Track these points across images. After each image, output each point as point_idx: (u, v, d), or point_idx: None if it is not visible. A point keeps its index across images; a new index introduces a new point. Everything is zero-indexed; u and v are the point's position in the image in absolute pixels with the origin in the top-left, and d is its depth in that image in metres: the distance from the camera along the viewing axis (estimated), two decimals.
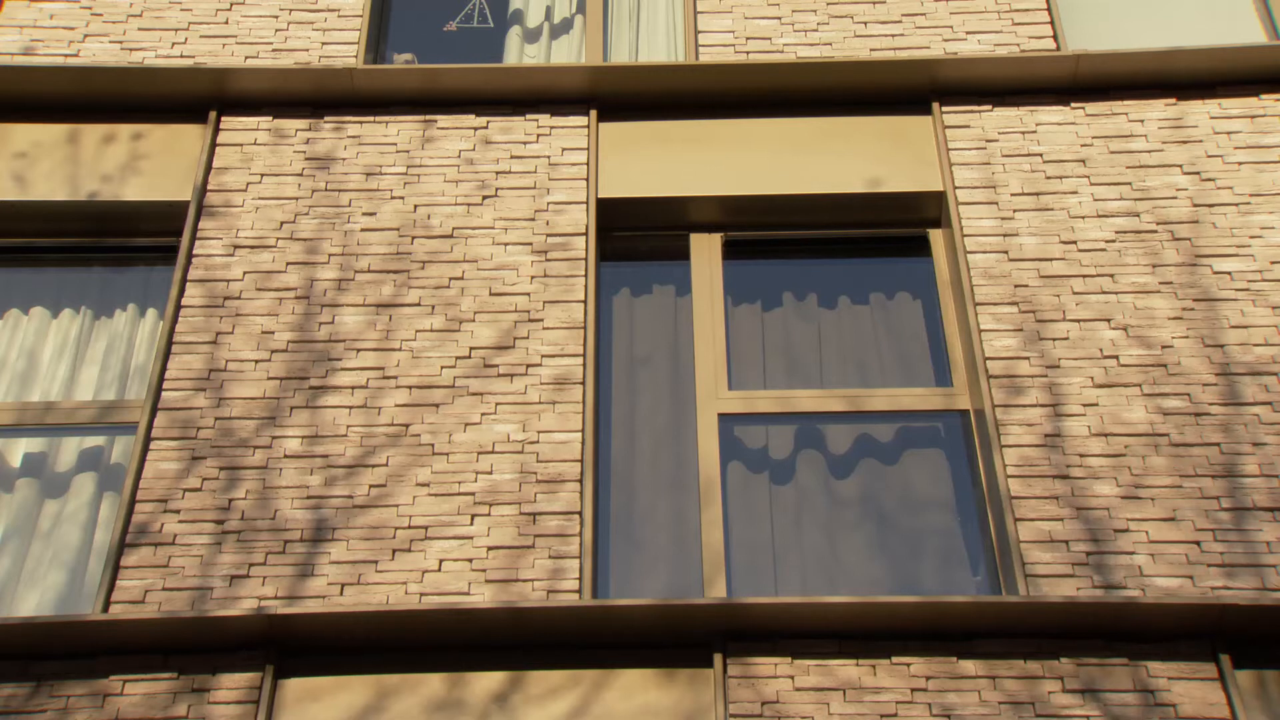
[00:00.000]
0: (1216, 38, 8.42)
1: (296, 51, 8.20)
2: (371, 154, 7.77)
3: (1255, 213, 7.48)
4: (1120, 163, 7.69)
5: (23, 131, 7.91)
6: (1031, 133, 7.80)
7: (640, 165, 7.79)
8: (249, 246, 7.44)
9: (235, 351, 7.07)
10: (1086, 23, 8.55)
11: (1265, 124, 7.79)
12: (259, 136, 7.85)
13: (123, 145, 7.86)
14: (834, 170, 7.73)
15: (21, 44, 8.20)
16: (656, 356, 7.45)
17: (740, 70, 7.84)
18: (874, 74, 7.86)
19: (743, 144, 7.84)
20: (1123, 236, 7.42)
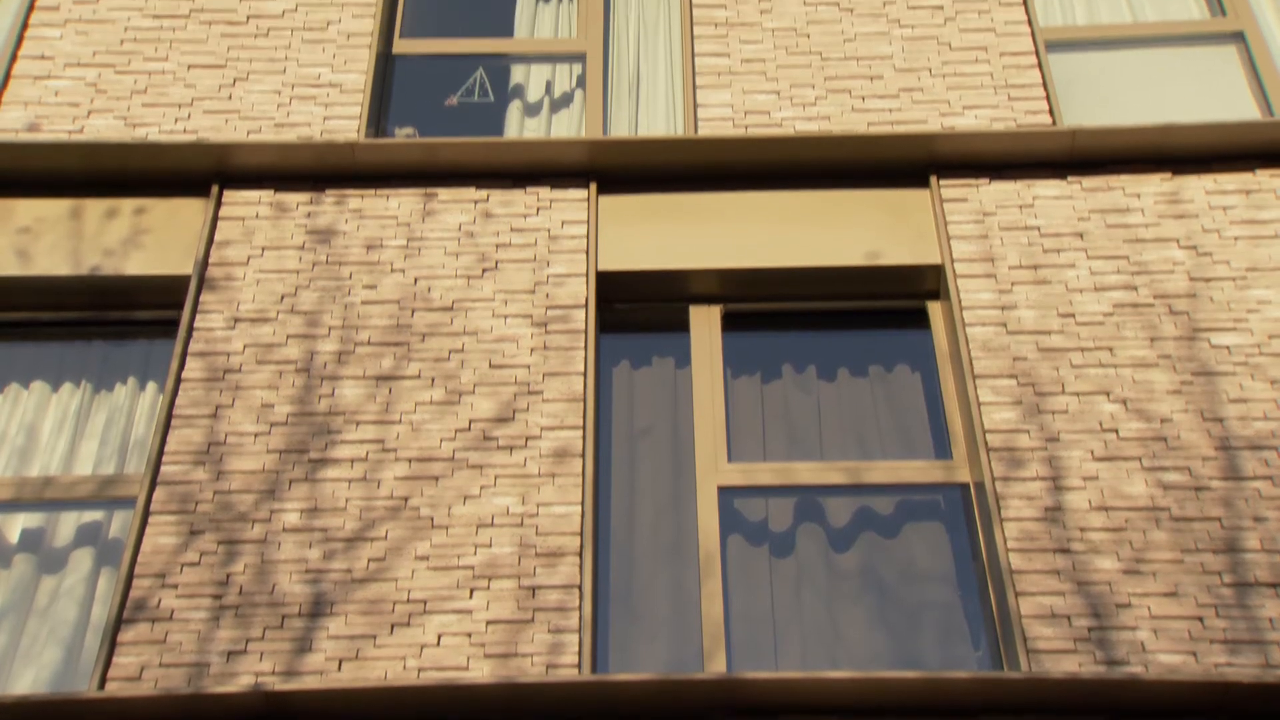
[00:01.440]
0: (1211, 113, 8.49)
1: (299, 126, 8.26)
2: (372, 227, 7.81)
3: (1252, 287, 7.51)
4: (1117, 236, 7.73)
5: (26, 207, 7.96)
6: (1029, 206, 7.85)
7: (640, 238, 7.83)
8: (250, 319, 7.46)
9: (235, 424, 7.07)
10: (1082, 98, 8.63)
11: (1261, 199, 7.84)
12: (261, 210, 7.90)
13: (125, 220, 7.91)
14: (833, 243, 7.77)
15: (26, 120, 8.27)
16: (656, 428, 7.45)
17: (739, 144, 7.90)
18: (872, 148, 7.92)
19: (742, 217, 7.89)
20: (1121, 310, 7.45)
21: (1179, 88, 8.62)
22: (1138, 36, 8.81)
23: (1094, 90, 8.66)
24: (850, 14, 8.71)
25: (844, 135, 7.88)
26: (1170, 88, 8.63)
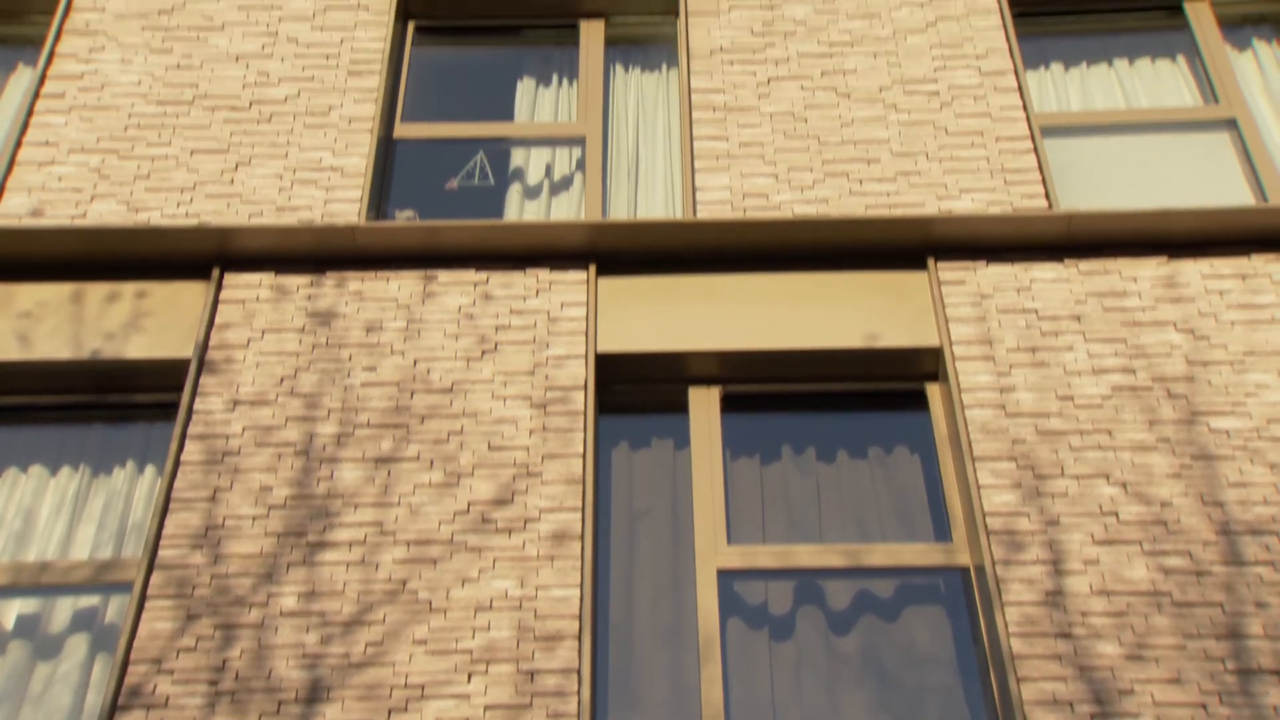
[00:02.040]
0: (1206, 198, 8.54)
1: (300, 209, 8.31)
2: (373, 309, 7.83)
3: (1250, 371, 7.52)
4: (1115, 319, 7.76)
5: (28, 291, 7.99)
6: (1026, 289, 7.89)
7: (639, 320, 7.85)
8: (249, 402, 7.47)
9: (233, 508, 7.05)
10: (1077, 182, 8.69)
11: (1257, 284, 7.87)
12: (261, 293, 7.93)
13: (126, 303, 7.94)
14: (831, 325, 7.79)
15: (30, 206, 8.33)
16: (655, 510, 7.44)
17: (738, 227, 7.95)
18: (870, 231, 7.97)
19: (741, 299, 7.92)
20: (1119, 393, 7.46)
21: (1174, 173, 8.69)
22: (1132, 123, 8.89)
23: (1089, 174, 8.73)
24: (847, 99, 8.79)
25: (842, 218, 7.92)
26: (1165, 173, 8.70)
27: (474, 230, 7.92)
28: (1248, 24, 9.48)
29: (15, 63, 9.41)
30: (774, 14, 9.22)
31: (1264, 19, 9.48)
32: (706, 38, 9.11)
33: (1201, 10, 9.42)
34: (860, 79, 8.88)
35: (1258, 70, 9.23)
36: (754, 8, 9.27)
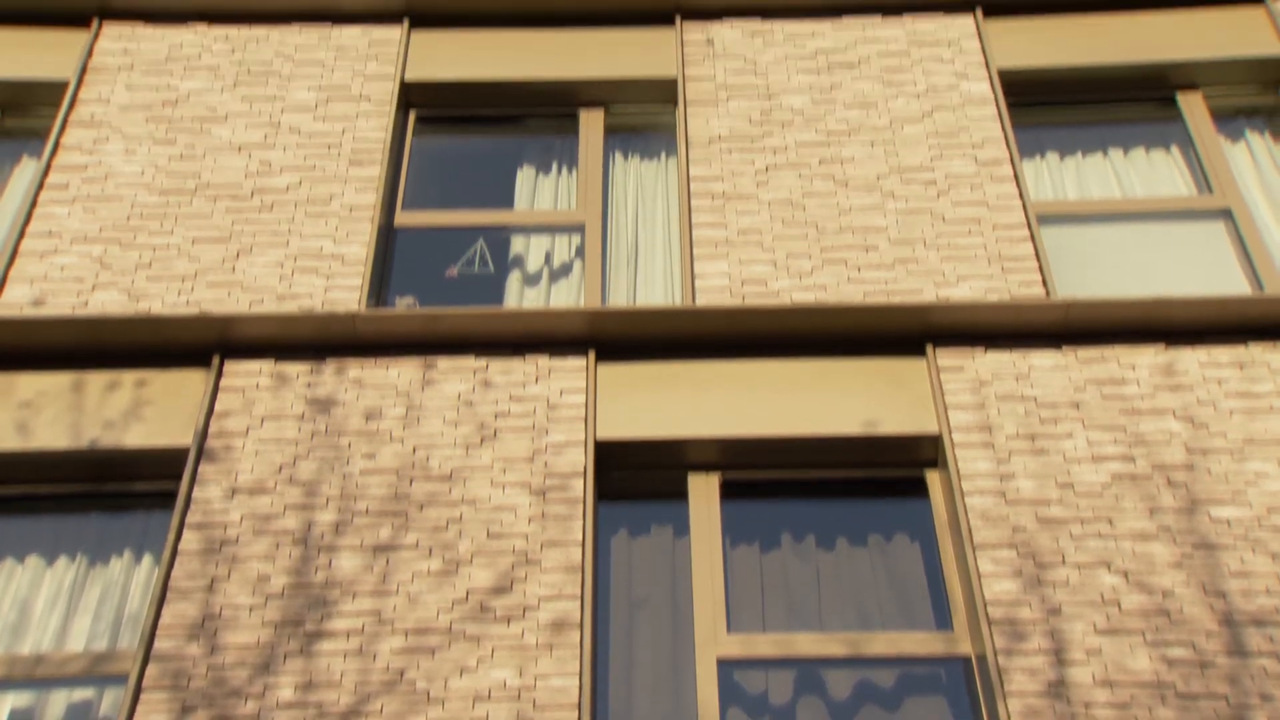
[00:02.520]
0: (1203, 287, 8.58)
1: (301, 297, 8.34)
2: (372, 396, 7.84)
3: (1249, 460, 7.52)
4: (1114, 407, 7.76)
5: (28, 381, 8.00)
6: (1025, 376, 7.90)
7: (639, 406, 7.86)
8: (248, 490, 7.45)
9: (230, 597, 7.02)
10: (1074, 269, 8.73)
11: (1255, 372, 7.89)
12: (261, 381, 7.94)
13: (126, 392, 7.95)
14: (831, 412, 7.79)
15: (32, 296, 8.36)
16: (655, 598, 7.40)
17: (737, 314, 7.97)
18: (869, 318, 7.99)
19: (740, 385, 7.92)
20: (1119, 480, 7.45)
21: (1170, 261, 8.73)
22: (1128, 211, 8.95)
23: (1086, 262, 8.77)
24: (845, 187, 8.86)
25: (840, 305, 7.95)
26: (1162, 261, 8.74)
27: (474, 317, 7.95)
28: (1240, 115, 9.57)
29: (20, 155, 9.49)
30: (772, 104, 9.32)
31: (1256, 111, 9.58)
32: (705, 127, 9.20)
33: (1194, 101, 9.52)
34: (858, 167, 8.95)
35: (1251, 161, 9.31)
36: (752, 97, 9.36)
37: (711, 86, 9.42)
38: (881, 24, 9.73)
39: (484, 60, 9.61)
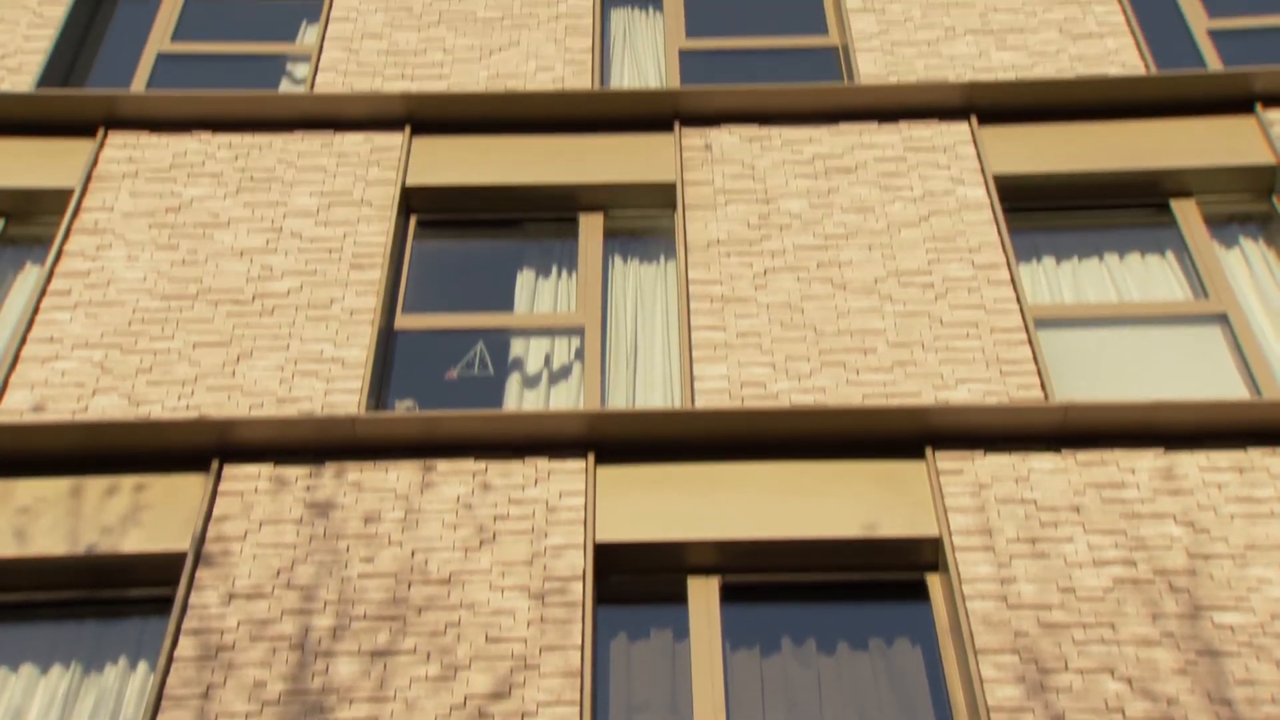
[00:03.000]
0: (1201, 390, 8.59)
1: (300, 400, 8.36)
2: (371, 500, 7.83)
3: (1251, 565, 7.48)
4: (1114, 511, 7.75)
5: (27, 487, 7.99)
6: (1025, 479, 7.89)
7: (638, 509, 7.84)
8: (245, 596, 7.41)
9: (226, 704, 6.95)
10: (1072, 372, 8.75)
11: (1255, 477, 7.88)
12: (260, 485, 7.93)
13: (125, 497, 7.93)
14: (830, 515, 7.78)
15: (32, 402, 8.38)
16: (655, 703, 7.33)
17: (736, 416, 7.99)
18: (868, 420, 8.00)
19: (740, 488, 7.91)
20: (1121, 585, 7.41)
21: (1168, 365, 8.75)
22: (1125, 316, 8.99)
23: (1084, 366, 8.79)
24: (843, 290, 8.91)
25: (839, 408, 7.97)
26: (1159, 365, 8.76)
27: (473, 420, 7.96)
28: (1234, 222, 9.65)
29: (24, 262, 9.55)
30: (770, 208, 9.40)
31: (1249, 218, 9.67)
32: (704, 230, 9.27)
33: (1188, 208, 9.60)
34: (856, 271, 9.01)
35: (1245, 267, 9.37)
36: (750, 202, 9.45)
37: (710, 191, 9.51)
38: (878, 130, 9.85)
39: (484, 165, 9.71)
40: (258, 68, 10.74)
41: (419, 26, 10.65)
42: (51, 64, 10.47)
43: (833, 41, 10.78)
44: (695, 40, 10.83)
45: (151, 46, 10.86)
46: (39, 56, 10.41)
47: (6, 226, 9.66)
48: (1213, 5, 10.90)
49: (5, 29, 10.61)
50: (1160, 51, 10.55)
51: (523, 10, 10.75)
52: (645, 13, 11.26)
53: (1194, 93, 9.82)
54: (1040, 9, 10.64)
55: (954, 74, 10.18)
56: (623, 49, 10.98)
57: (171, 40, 10.94)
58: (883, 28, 10.54)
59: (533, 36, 10.55)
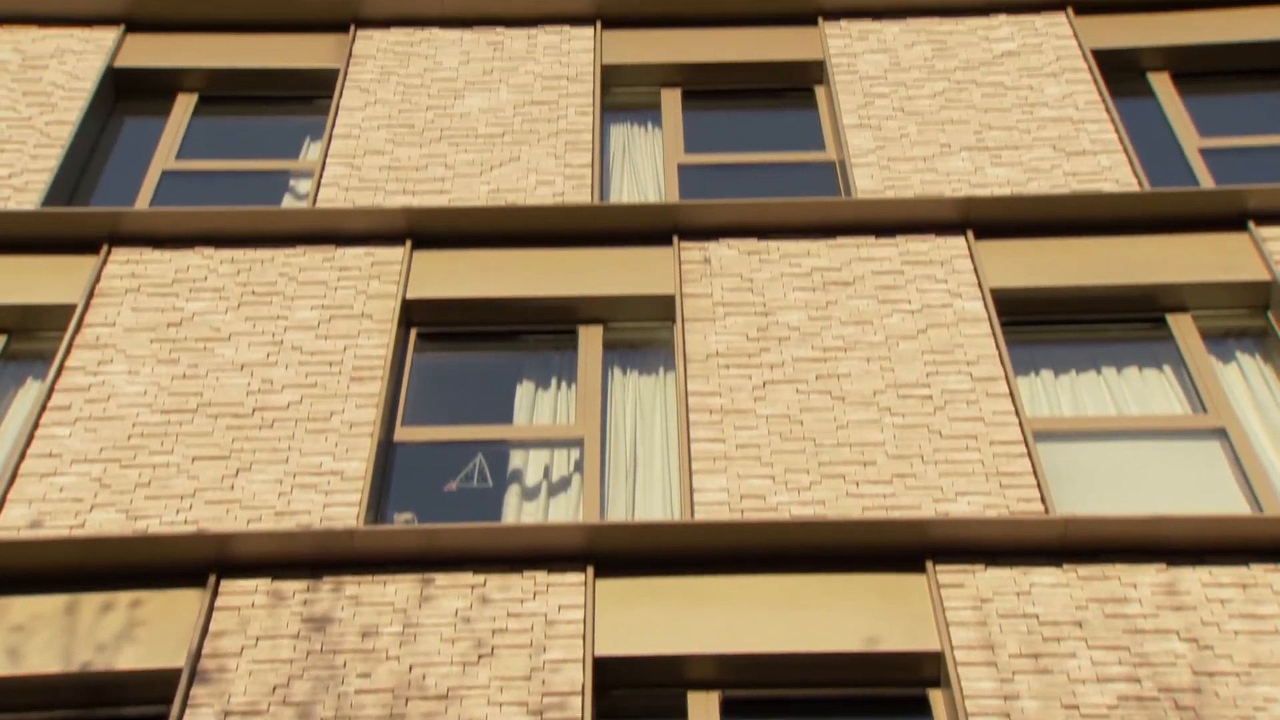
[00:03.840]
0: (1201, 505, 8.56)
1: (299, 514, 8.34)
2: (369, 614, 7.77)
3: (1257, 683, 7.41)
4: (1117, 627, 7.69)
5: (22, 604, 7.94)
6: (1026, 593, 7.84)
7: (638, 622, 7.79)
8: (241, 713, 7.33)
9: None
10: (1072, 485, 8.73)
11: (1258, 594, 7.83)
12: (257, 599, 7.88)
13: (120, 613, 7.88)
14: (831, 628, 7.72)
15: (29, 517, 8.35)
16: None
17: (736, 528, 7.96)
18: (868, 533, 7.98)
19: (739, 601, 7.87)
20: (1125, 702, 7.33)
21: (1168, 480, 8.73)
22: (1124, 429, 9.00)
23: (1083, 479, 8.78)
24: (842, 402, 8.93)
25: (840, 520, 7.95)
26: (1159, 479, 8.75)
27: (472, 533, 7.94)
28: (1229, 337, 9.70)
29: (25, 377, 9.58)
30: (768, 320, 9.45)
31: (1245, 333, 9.71)
32: (703, 342, 9.31)
33: (1184, 322, 9.65)
34: (854, 383, 9.04)
35: (1243, 382, 9.39)
36: (749, 314, 9.50)
37: (709, 303, 9.57)
38: (875, 244, 9.93)
39: (484, 278, 9.78)
40: (261, 183, 10.87)
41: (421, 143, 10.79)
42: (58, 182, 10.58)
43: (830, 157, 10.91)
44: (694, 155, 10.97)
45: (157, 163, 10.99)
46: (46, 175, 10.53)
47: (9, 343, 9.70)
48: (1203, 125, 11.05)
49: (13, 149, 10.75)
50: (1153, 169, 10.68)
51: (523, 127, 10.90)
52: (644, 128, 11.41)
53: (1188, 210, 9.92)
54: (1034, 126, 10.79)
55: (950, 189, 10.29)
56: (622, 164, 11.12)
57: (176, 158, 11.07)
58: (879, 144, 10.68)
59: (533, 152, 10.68)
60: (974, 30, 11.61)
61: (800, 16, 11.82)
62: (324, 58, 11.58)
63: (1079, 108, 10.87)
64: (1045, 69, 11.23)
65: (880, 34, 11.62)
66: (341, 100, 11.14)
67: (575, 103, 11.07)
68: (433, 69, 11.39)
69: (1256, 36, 11.41)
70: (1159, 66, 11.52)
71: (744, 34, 11.74)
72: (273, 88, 11.61)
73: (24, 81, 11.29)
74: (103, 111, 11.38)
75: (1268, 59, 11.47)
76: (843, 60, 11.38)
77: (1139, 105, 11.27)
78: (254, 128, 11.40)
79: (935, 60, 11.35)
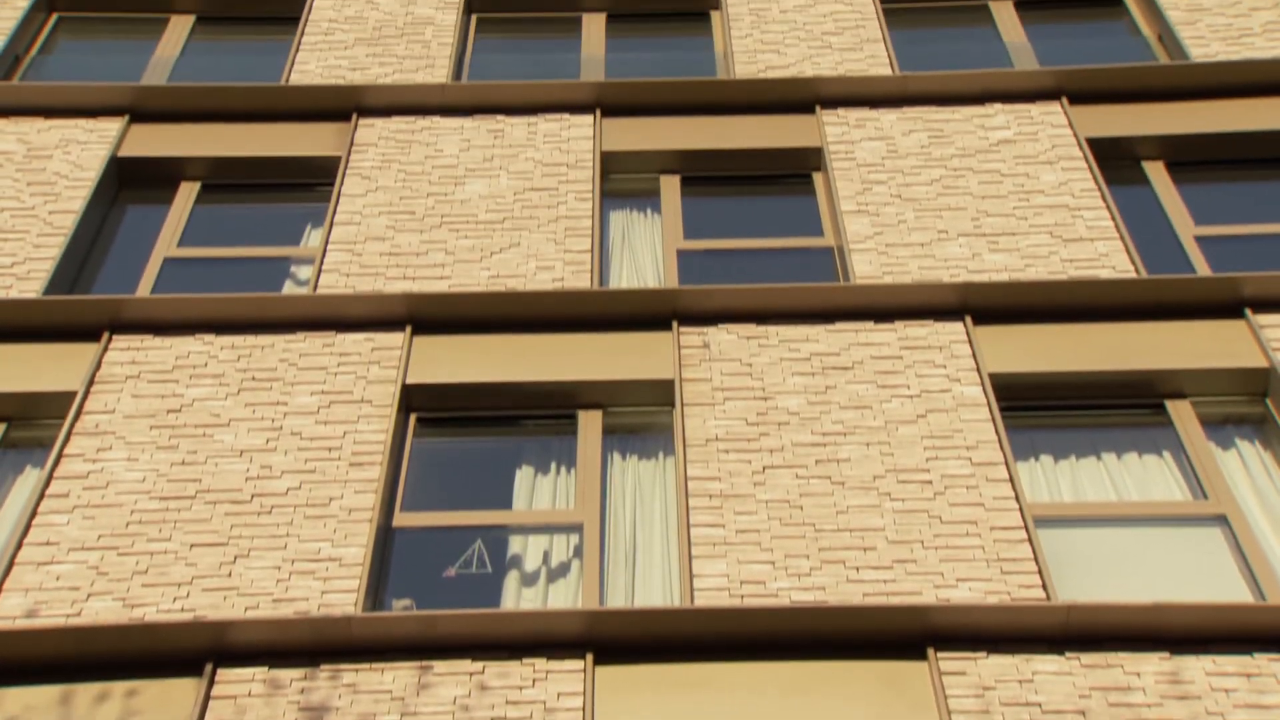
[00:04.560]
0: (1203, 592, 8.50)
1: (297, 601, 8.29)
2: (366, 702, 7.71)
3: None
4: (1121, 716, 7.61)
5: (16, 695, 7.86)
6: (1029, 681, 7.78)
7: (637, 710, 7.73)
8: None
9: None
10: (1074, 572, 8.68)
11: (1262, 683, 7.76)
12: (254, 688, 7.82)
13: (116, 703, 7.81)
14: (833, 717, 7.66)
15: (25, 607, 8.30)
16: None
17: (736, 615, 7.92)
18: (868, 619, 7.93)
19: (740, 688, 7.81)
20: None
21: (1169, 566, 8.69)
22: (1125, 515, 8.97)
23: (1085, 565, 8.74)
24: (842, 487, 8.91)
25: (840, 606, 7.90)
26: (1161, 566, 8.70)
27: (470, 619, 7.89)
28: (1229, 423, 9.69)
29: (24, 465, 9.57)
30: (768, 404, 9.45)
31: (1244, 419, 9.71)
32: (702, 427, 9.31)
33: (1183, 409, 9.65)
34: (854, 468, 9.02)
35: (1243, 469, 9.37)
36: (748, 399, 9.51)
37: (708, 388, 9.58)
38: (874, 329, 9.96)
39: (484, 363, 9.80)
40: (262, 270, 10.92)
41: (421, 229, 10.86)
42: (60, 270, 10.62)
43: (828, 242, 10.97)
44: (693, 241, 11.03)
45: (159, 251, 11.05)
46: (48, 263, 10.57)
47: (8, 430, 9.69)
48: (1198, 212, 11.13)
49: (16, 239, 10.81)
50: (1149, 256, 10.73)
51: (523, 213, 10.97)
52: (644, 214, 11.49)
53: (1185, 296, 9.96)
54: (1031, 213, 10.86)
55: (948, 275, 10.34)
56: (622, 249, 11.18)
57: (178, 245, 11.13)
58: (877, 230, 10.74)
59: (533, 238, 10.75)
60: (970, 118, 11.72)
61: (797, 104, 11.94)
62: (326, 146, 11.68)
63: (1075, 195, 10.95)
64: (1041, 156, 11.32)
65: (877, 121, 11.73)
66: (343, 187, 11.22)
67: (575, 189, 11.16)
68: (434, 156, 11.49)
69: (1248, 127, 11.53)
70: (1153, 155, 11.62)
71: (742, 121, 11.85)
72: (275, 175, 11.70)
73: (28, 171, 11.39)
74: (106, 200, 11.46)
75: (1260, 149, 11.57)
76: (840, 147, 11.49)
77: (1134, 193, 11.36)
78: (256, 215, 11.48)
79: (932, 147, 11.45)
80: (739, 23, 12.90)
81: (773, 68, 12.33)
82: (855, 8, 13.00)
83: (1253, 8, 12.72)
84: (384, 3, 13.21)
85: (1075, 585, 8.60)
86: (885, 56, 12.40)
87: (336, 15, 13.07)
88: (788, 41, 12.62)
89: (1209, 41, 12.35)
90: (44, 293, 10.34)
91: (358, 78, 12.32)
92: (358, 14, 13.07)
